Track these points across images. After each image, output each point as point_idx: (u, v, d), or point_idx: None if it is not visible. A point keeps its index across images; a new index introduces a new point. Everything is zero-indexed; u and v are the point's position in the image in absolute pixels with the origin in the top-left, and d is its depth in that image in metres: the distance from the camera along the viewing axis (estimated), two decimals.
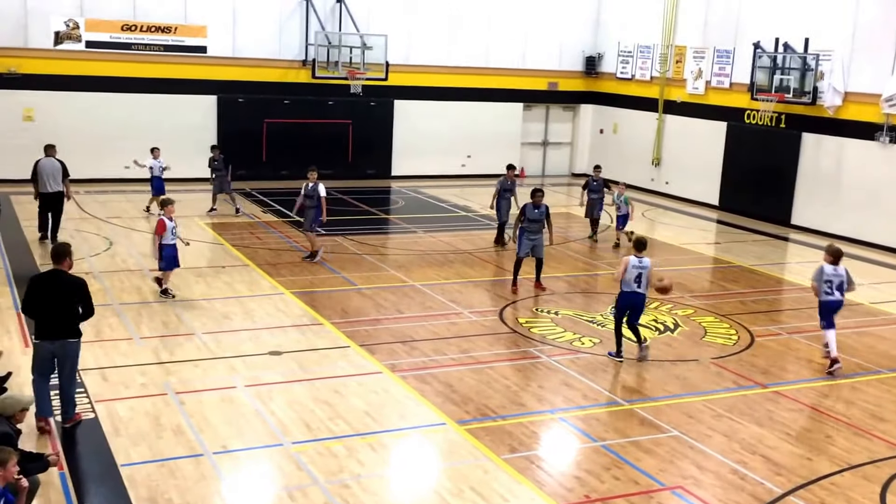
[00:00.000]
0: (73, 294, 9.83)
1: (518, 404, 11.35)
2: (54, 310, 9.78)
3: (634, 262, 12.76)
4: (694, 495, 9.22)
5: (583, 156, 31.88)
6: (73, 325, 9.87)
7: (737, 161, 25.73)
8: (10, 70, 24.23)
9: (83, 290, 9.92)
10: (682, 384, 12.34)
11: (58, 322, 9.78)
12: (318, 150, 27.75)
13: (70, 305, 9.83)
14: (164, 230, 14.79)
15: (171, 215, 14.92)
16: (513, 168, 20.72)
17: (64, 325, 9.80)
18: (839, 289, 13.05)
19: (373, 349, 13.08)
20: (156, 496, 8.70)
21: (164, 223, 14.78)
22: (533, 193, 16.37)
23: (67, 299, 9.82)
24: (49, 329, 9.79)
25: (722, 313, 15.73)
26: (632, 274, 12.73)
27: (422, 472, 9.68)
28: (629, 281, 12.73)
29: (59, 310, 9.78)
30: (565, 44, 30.73)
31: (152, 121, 25.63)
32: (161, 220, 14.88)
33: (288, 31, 27.14)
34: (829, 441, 10.73)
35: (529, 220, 16.19)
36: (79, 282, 9.96)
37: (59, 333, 9.78)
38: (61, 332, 9.79)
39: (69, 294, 9.82)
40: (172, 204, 15.17)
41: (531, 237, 16.26)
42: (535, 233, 16.26)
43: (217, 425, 10.30)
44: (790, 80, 23.54)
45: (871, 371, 13.24)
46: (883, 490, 9.56)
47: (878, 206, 21.81)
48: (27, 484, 7.64)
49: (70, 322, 9.84)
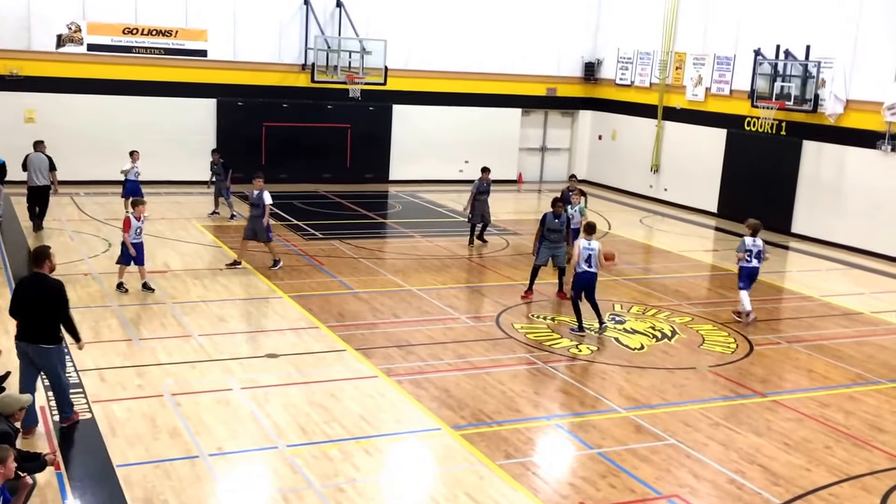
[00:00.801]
0: (48, 298, 9.64)
1: (514, 410, 11.33)
2: (29, 314, 9.65)
3: (584, 245, 14.36)
4: None
5: (581, 162, 31.89)
6: (47, 330, 9.66)
7: (736, 168, 25.72)
8: (13, 72, 24.27)
9: (59, 294, 9.71)
10: (680, 392, 12.32)
11: (32, 326, 9.64)
12: (317, 154, 27.85)
13: (45, 310, 9.64)
14: (129, 228, 15.29)
15: (140, 215, 15.52)
16: (487, 171, 20.86)
17: (38, 329, 9.63)
18: (757, 257, 15.66)
19: (369, 353, 13.05)
20: (151, 497, 8.68)
21: (129, 221, 15.35)
22: (554, 203, 16.37)
23: (42, 304, 9.64)
24: (25, 332, 9.70)
25: (720, 321, 15.72)
26: (583, 255, 14.29)
27: (417, 476, 9.65)
28: (581, 262, 14.30)
29: (33, 314, 9.63)
30: (564, 49, 30.75)
31: (152, 123, 25.73)
32: (127, 217, 15.53)
33: (288, 35, 27.16)
34: (828, 451, 10.69)
35: (549, 230, 16.19)
36: (55, 287, 9.74)
37: (33, 337, 9.65)
38: (35, 337, 9.64)
39: (43, 298, 9.64)
40: (143, 205, 15.90)
41: (551, 245, 16.27)
42: (556, 242, 16.29)
43: (213, 427, 10.29)
44: (791, 88, 23.55)
45: (871, 381, 13.21)
46: (882, 501, 9.53)
47: (879, 214, 21.80)
48: (31, 480, 7.63)
49: (44, 327, 9.64)
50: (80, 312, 14.13)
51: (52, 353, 9.75)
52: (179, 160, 26.14)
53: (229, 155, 23.15)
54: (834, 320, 16.32)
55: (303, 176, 27.60)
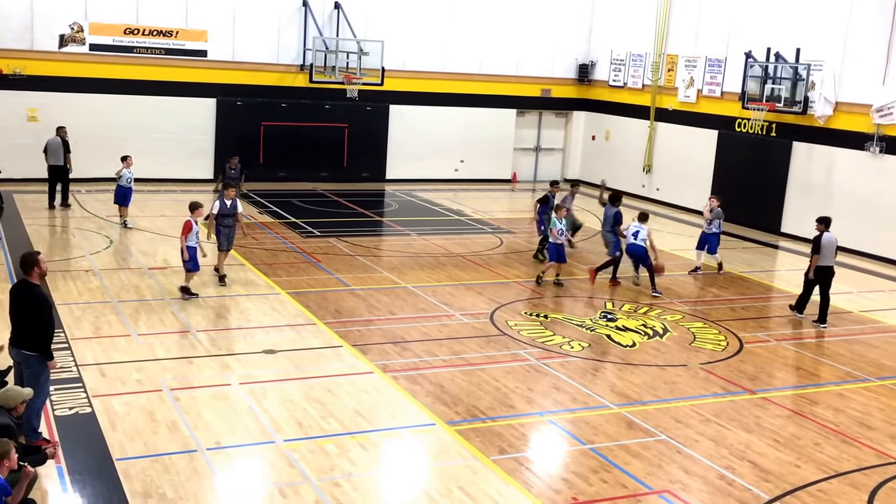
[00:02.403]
0: (31, 307, 9.41)
1: (508, 406, 11.48)
2: (15, 320, 9.56)
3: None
4: (681, 500, 9.33)
5: (575, 162, 32.09)
6: (30, 338, 9.44)
7: (727, 169, 25.91)
8: (16, 71, 24.40)
9: (41, 305, 9.45)
10: (671, 389, 12.48)
11: (18, 332, 9.53)
12: (314, 153, 27.98)
13: (27, 318, 9.43)
14: (190, 231, 14.92)
15: (197, 218, 15.16)
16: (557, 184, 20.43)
17: (22, 335, 9.49)
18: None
19: (365, 349, 13.21)
20: (150, 490, 8.81)
21: (190, 224, 14.92)
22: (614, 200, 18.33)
23: (25, 312, 9.45)
24: (13, 336, 9.62)
25: (711, 319, 15.90)
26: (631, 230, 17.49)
27: (411, 471, 9.78)
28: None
29: (18, 321, 9.52)
30: (558, 51, 30.93)
31: (153, 122, 25.92)
32: (188, 221, 14.99)
33: (286, 36, 27.30)
34: (816, 448, 10.83)
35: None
36: (38, 298, 9.45)
37: (17, 342, 9.53)
38: (21, 342, 9.50)
39: (27, 307, 9.43)
40: (201, 207, 15.44)
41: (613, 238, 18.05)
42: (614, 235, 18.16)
43: (211, 422, 10.42)
44: (781, 90, 23.74)
45: (860, 379, 13.39)
46: (870, 498, 9.67)
47: (867, 215, 21.99)
48: (32, 470, 7.75)
49: (27, 334, 9.44)
50: (82, 308, 14.33)
51: (33, 361, 9.48)
52: (179, 158, 26.31)
53: (228, 153, 23.27)
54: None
55: (301, 174, 27.75)
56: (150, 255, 18.01)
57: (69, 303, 14.51)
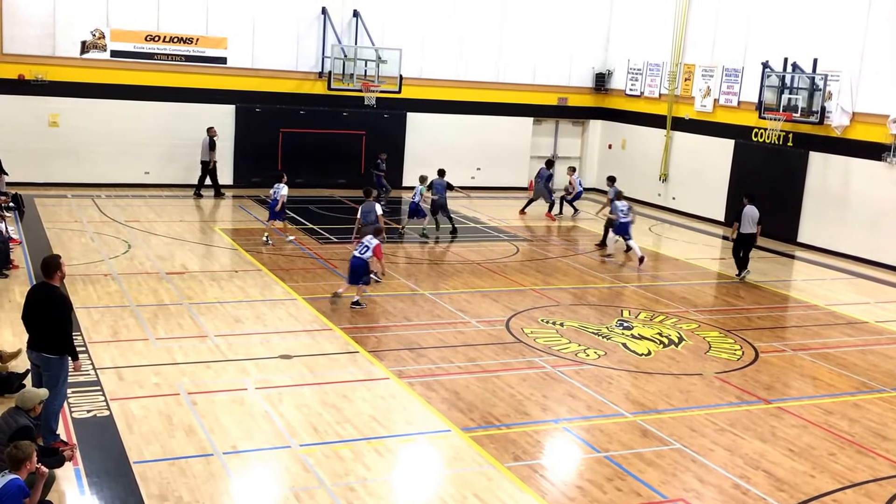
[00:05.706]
0: (52, 310, 9.52)
1: (522, 413, 11.51)
2: (35, 323, 9.64)
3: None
4: None
5: (591, 170, 32.06)
6: (50, 340, 9.53)
7: (744, 178, 25.79)
8: (38, 77, 24.65)
9: (62, 307, 9.61)
10: (686, 397, 12.48)
11: (38, 335, 9.62)
12: (332, 160, 28.09)
13: (49, 321, 9.52)
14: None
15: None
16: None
17: (42, 338, 9.57)
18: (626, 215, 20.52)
19: (381, 355, 13.27)
20: (166, 493, 8.88)
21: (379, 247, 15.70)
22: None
23: (46, 314, 9.55)
24: (31, 339, 9.71)
25: (726, 328, 15.88)
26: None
27: (426, 477, 9.82)
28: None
29: (38, 323, 9.60)
30: (576, 60, 30.95)
31: (172, 128, 26.08)
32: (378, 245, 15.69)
33: (305, 43, 27.45)
34: (832, 458, 10.80)
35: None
36: (60, 300, 9.60)
37: (38, 346, 9.60)
38: (40, 345, 9.58)
39: (48, 309, 9.54)
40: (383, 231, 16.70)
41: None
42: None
43: (227, 426, 10.50)
44: (798, 100, 23.68)
45: (876, 389, 13.34)
46: None
47: (884, 225, 21.92)
48: (46, 470, 7.85)
49: (48, 337, 9.53)
50: (100, 312, 14.45)
51: (53, 364, 9.57)
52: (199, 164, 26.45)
53: (246, 160, 23.43)
54: (839, 329, 16.46)
55: (318, 181, 27.87)
56: (167, 259, 18.14)
57: (88, 306, 14.63)
